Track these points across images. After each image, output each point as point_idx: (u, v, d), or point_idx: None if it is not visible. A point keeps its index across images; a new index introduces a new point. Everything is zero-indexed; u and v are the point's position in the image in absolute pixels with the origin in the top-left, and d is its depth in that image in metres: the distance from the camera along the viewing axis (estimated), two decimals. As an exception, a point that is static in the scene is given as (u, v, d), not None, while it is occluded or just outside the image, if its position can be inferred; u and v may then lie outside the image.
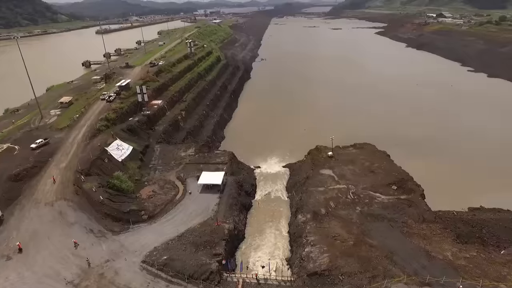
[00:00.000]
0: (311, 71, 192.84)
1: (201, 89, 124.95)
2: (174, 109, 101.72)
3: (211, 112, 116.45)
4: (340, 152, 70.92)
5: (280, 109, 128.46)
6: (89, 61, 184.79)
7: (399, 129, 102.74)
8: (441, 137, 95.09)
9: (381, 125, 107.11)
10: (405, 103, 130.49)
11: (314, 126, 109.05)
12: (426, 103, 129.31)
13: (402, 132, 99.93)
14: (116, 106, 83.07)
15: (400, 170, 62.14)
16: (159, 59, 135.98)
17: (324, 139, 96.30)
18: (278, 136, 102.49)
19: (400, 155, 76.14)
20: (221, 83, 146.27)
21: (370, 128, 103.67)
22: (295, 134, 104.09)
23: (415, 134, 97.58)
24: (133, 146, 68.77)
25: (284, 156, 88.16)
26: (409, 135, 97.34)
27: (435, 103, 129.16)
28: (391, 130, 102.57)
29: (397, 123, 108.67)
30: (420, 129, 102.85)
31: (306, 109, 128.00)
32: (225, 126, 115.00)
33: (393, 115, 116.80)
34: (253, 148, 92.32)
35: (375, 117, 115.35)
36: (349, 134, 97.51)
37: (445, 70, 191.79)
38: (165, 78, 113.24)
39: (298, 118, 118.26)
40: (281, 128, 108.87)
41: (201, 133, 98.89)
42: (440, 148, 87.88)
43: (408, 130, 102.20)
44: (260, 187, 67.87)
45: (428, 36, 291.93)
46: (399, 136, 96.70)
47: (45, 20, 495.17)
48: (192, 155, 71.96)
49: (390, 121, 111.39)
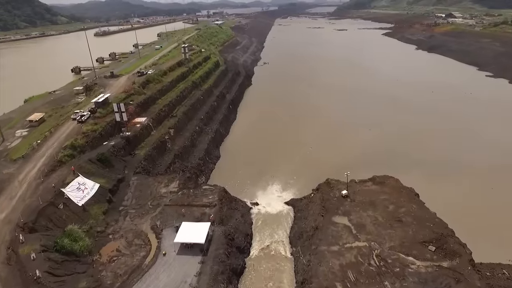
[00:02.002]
0: (316, 76, 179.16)
1: (195, 101, 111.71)
2: (162, 127, 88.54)
3: (205, 127, 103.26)
4: (356, 189, 57.32)
5: (283, 121, 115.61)
6: (79, 67, 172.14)
7: (417, 146, 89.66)
8: (468, 158, 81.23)
9: (396, 140, 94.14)
10: (421, 113, 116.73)
11: (321, 143, 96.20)
12: (444, 113, 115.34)
13: (421, 150, 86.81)
14: (87, 129, 69.86)
15: (436, 219, 48.44)
16: (149, 67, 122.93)
17: (332, 160, 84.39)
18: (280, 154, 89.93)
19: (423, 182, 64.43)
20: (219, 92, 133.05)
21: (384, 145, 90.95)
22: (300, 152, 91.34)
23: (437, 153, 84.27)
24: (101, 182, 55.68)
25: (287, 182, 75.55)
26: (429, 153, 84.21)
27: (455, 114, 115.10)
28: (408, 146, 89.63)
29: (415, 138, 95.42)
30: (441, 146, 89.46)
31: (312, 120, 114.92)
32: (221, 143, 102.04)
33: (409, 128, 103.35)
34: (251, 170, 79.99)
35: (389, 130, 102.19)
36: (361, 153, 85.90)
37: (461, 75, 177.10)
38: (153, 90, 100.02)
39: (303, 131, 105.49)
40: (284, 144, 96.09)
41: (192, 155, 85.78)
42: (468, 171, 74.40)
43: (428, 147, 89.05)
44: (257, 235, 54.31)
45: (439, 38, 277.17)
46: (417, 155, 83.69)
47: (44, 22, 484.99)
48: (174, 191, 58.78)
49: (406, 135, 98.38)
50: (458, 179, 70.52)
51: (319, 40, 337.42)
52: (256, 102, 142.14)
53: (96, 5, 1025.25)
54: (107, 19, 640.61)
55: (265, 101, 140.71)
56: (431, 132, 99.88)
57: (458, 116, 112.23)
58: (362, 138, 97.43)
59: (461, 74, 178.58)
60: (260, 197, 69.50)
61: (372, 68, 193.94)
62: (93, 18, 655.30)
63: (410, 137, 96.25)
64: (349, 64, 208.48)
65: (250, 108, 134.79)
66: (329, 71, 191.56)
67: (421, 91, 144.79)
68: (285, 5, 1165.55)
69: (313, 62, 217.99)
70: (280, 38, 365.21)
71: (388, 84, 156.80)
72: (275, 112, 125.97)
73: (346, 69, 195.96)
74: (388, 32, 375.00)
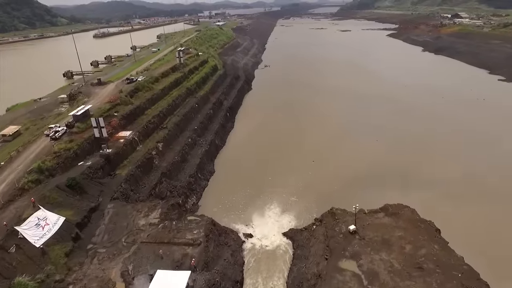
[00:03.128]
0: (319, 80, 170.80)
1: (188, 109, 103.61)
2: (149, 140, 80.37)
3: (199, 138, 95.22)
4: (366, 223, 48.89)
5: (283, 129, 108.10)
6: (71, 71, 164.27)
7: (430, 161, 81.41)
8: (494, 177, 72.08)
9: (406, 154, 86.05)
10: (432, 122, 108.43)
11: (324, 155, 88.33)
12: (458, 123, 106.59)
13: (435, 166, 78.59)
14: (60, 147, 61.73)
15: (464, 265, 39.98)
16: (140, 73, 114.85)
17: (337, 177, 76.44)
18: (280, 168, 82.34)
19: (442, 208, 57.24)
20: (216, 99, 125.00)
21: (394, 159, 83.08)
22: (301, 166, 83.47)
23: (454, 170, 75.72)
24: (68, 215, 47.57)
25: (286, 203, 67.88)
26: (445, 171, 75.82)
27: (470, 123, 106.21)
28: (420, 161, 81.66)
29: (427, 152, 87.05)
30: (459, 161, 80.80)
31: (314, 129, 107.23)
32: (216, 155, 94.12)
33: (419, 139, 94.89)
34: (247, 188, 72.96)
35: (397, 141, 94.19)
36: (368, 169, 78.35)
37: (472, 79, 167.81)
38: (142, 99, 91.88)
39: (304, 141, 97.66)
40: (284, 156, 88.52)
41: (182, 172, 77.76)
42: (496, 194, 65.33)
43: (443, 162, 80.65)
44: (249, 281, 45.91)
45: (446, 39, 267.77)
46: (431, 172, 75.60)
47: (44, 23, 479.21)
48: (155, 223, 50.66)
49: (417, 147, 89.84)
50: (485, 206, 60.89)
51: (322, 41, 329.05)
52: (256, 108, 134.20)
53: (98, 6, 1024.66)
54: (108, 20, 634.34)
55: (264, 108, 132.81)
56: (445, 144, 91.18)
57: (473, 126, 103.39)
58: (369, 150, 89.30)
59: (471, 78, 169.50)
60: (256, 222, 61.62)
61: (378, 71, 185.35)
62: (95, 19, 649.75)
63: (422, 150, 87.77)
64: (353, 67, 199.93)
65: (248, 115, 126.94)
66: (332, 74, 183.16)
67: (431, 97, 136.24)
68: (288, 5, 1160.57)
69: (315, 65, 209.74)
70: (282, 39, 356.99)
71: (396, 90, 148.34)
72: (275, 119, 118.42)
73: (350, 72, 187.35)
74: (393, 33, 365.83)
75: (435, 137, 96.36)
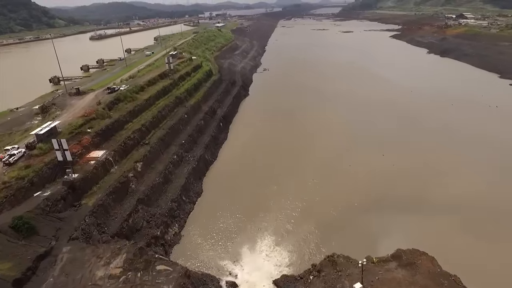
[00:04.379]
0: (320, 84, 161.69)
1: (176, 121, 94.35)
2: (127, 160, 71.06)
3: (186, 154, 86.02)
4: (375, 278, 39.46)
5: (281, 141, 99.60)
6: (57, 76, 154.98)
7: (443, 183, 71.75)
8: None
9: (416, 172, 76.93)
10: (442, 134, 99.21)
11: (325, 173, 79.73)
12: (472, 135, 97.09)
13: (450, 189, 68.91)
14: (12, 176, 52.37)
15: None
16: (125, 80, 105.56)
17: (338, 202, 67.31)
18: (275, 187, 73.98)
19: (466, 249, 47.60)
20: (208, 108, 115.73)
21: (402, 179, 74.05)
22: (299, 185, 74.81)
23: (474, 197, 65.97)
24: (3, 269, 38.36)
25: (280, 234, 59.21)
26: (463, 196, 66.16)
27: (484, 134, 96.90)
28: (432, 182, 72.58)
29: (438, 170, 77.48)
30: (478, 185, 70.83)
31: (314, 141, 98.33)
32: (205, 173, 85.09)
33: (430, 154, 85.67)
34: (237, 214, 65.01)
35: (405, 157, 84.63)
36: (375, 192, 69.35)
37: (481, 83, 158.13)
38: (122, 111, 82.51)
39: (303, 156, 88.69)
40: (280, 173, 79.66)
41: (164, 195, 68.63)
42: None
43: (457, 184, 70.93)
44: None
45: (452, 41, 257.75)
46: (445, 196, 66.27)
47: (41, 25, 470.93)
48: (116, 274, 41.39)
49: (427, 164, 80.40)
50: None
51: (323, 43, 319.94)
52: (252, 117, 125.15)
53: (99, 8, 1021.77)
54: (107, 21, 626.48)
55: (261, 116, 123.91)
56: (461, 162, 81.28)
57: (491, 138, 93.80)
58: (375, 168, 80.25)
59: (481, 83, 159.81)
60: (244, 259, 52.92)
61: (382, 75, 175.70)
62: (94, 21, 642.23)
63: (435, 169, 78.07)
64: (356, 70, 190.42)
65: (244, 124, 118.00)
66: (334, 78, 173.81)
67: (439, 104, 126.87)
68: (290, 6, 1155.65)
69: (316, 68, 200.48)
70: (283, 41, 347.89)
71: (401, 95, 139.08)
72: (272, 128, 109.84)
73: (353, 76, 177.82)
74: (396, 34, 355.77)
75: (448, 152, 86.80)
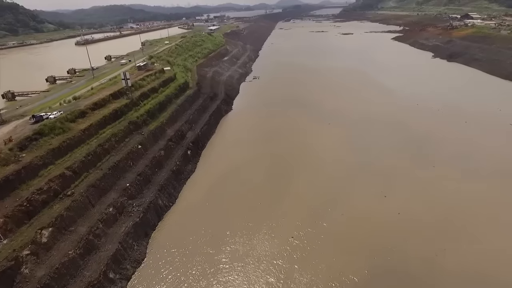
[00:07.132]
0: (313, 96, 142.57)
1: (123, 156, 74.50)
2: (28, 226, 51.48)
3: (130, 202, 66.37)
4: None
5: (259, 174, 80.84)
6: (12, 91, 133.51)
7: (473, 253, 51.74)
8: None
9: (427, 223, 56.25)
10: (457, 163, 79.59)
11: (309, 228, 60.02)
12: (495, 167, 77.43)
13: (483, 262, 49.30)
14: None
15: None
16: (65, 103, 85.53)
17: (325, 267, 47.82)
18: (243, 248, 54.98)
19: None
20: (175, 131, 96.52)
21: (411, 246, 52.90)
22: (273, 246, 55.63)
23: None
24: None
25: None
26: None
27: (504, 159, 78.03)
28: (459, 252, 51.81)
29: (460, 231, 56.97)
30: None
31: (300, 177, 78.59)
32: (155, 227, 65.60)
33: (446, 199, 64.53)
34: None
35: (414, 200, 64.14)
36: (376, 256, 48.78)
37: (496, 93, 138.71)
38: (42, 150, 62.63)
39: (284, 198, 69.64)
40: (252, 224, 61.11)
41: (79, 277, 49.19)
42: None
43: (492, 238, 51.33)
44: None
45: (459, 43, 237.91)
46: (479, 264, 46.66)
47: (28, 30, 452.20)
48: None
49: (445, 219, 59.01)
50: None
51: (322, 46, 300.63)
52: (231, 139, 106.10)
53: (97, 11, 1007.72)
54: (101, 25, 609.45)
55: (243, 137, 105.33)
56: (494, 216, 62.11)
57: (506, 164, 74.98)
58: (375, 218, 60.86)
59: (495, 92, 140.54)
60: None
61: (384, 86, 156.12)
62: (89, 24, 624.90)
63: (454, 224, 58.83)
64: (354, 80, 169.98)
65: (219, 150, 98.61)
66: (329, 89, 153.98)
67: (451, 121, 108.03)
68: (290, 7, 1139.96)
69: (310, 77, 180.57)
70: (279, 44, 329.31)
71: (406, 111, 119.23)
72: (252, 157, 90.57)
73: (350, 87, 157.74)
74: (399, 36, 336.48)
75: (477, 198, 67.07)
